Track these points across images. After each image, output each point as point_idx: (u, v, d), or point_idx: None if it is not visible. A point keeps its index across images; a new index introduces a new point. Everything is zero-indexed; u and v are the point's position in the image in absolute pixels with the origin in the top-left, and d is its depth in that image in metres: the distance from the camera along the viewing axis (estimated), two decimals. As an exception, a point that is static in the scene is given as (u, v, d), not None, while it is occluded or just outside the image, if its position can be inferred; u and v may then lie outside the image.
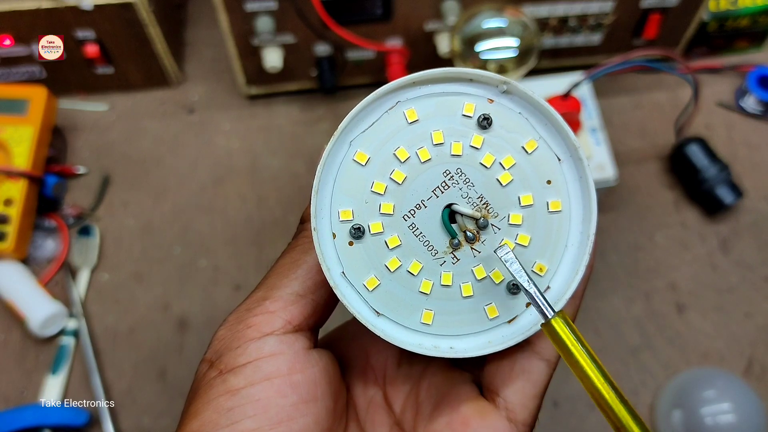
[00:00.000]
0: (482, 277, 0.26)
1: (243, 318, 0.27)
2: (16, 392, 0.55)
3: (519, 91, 0.26)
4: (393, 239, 0.26)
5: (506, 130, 0.26)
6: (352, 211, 0.25)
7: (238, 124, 0.67)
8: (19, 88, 0.61)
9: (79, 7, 0.58)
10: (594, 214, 0.26)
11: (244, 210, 0.63)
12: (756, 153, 0.65)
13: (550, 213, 0.26)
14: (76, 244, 0.60)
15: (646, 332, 0.58)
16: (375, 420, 0.29)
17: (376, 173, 0.26)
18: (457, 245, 0.26)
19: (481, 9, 0.58)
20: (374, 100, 0.25)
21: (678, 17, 0.65)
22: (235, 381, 0.25)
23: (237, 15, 0.58)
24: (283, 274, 0.27)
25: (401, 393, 0.30)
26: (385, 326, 0.26)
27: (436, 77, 0.26)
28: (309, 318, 0.27)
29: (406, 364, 0.30)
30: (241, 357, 0.25)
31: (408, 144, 0.26)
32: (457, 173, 0.26)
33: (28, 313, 0.55)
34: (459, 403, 0.28)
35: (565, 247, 0.26)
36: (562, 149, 0.26)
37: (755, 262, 0.60)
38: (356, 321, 0.25)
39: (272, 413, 0.24)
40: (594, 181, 0.26)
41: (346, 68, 0.65)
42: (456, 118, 0.26)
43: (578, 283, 0.26)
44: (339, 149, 0.26)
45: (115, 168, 0.65)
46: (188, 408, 0.26)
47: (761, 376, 0.56)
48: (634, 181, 0.64)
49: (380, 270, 0.26)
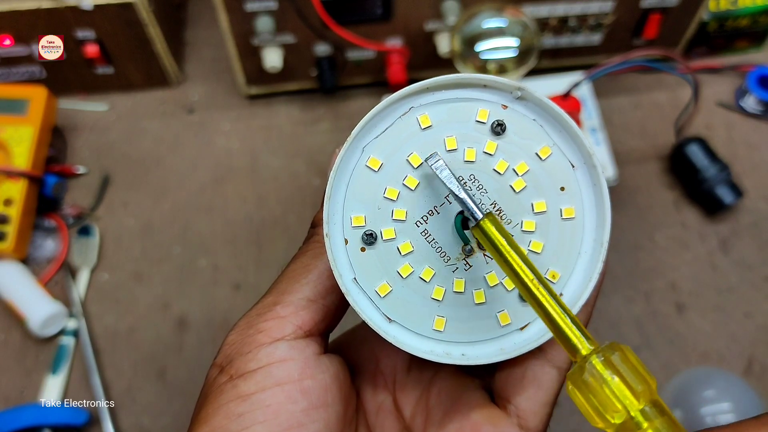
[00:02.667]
0: (495, 284, 0.26)
1: (253, 323, 0.26)
2: (16, 392, 0.55)
3: (533, 97, 0.26)
4: (405, 245, 0.25)
5: (520, 137, 0.26)
6: (364, 216, 0.25)
7: (238, 124, 0.67)
8: (19, 88, 0.61)
9: (79, 7, 0.58)
10: (608, 221, 0.25)
11: (244, 210, 0.63)
12: (756, 153, 0.65)
13: (564, 220, 0.26)
14: (75, 244, 0.60)
15: (645, 332, 0.58)
16: (384, 425, 0.29)
17: (388, 179, 0.25)
18: (469, 252, 0.26)
19: (481, 9, 0.58)
20: (387, 105, 0.25)
21: (678, 17, 0.65)
22: (246, 386, 0.25)
23: (237, 15, 0.58)
24: (294, 279, 0.27)
25: (411, 399, 0.29)
26: (396, 333, 0.26)
27: (449, 83, 0.26)
28: (320, 323, 0.27)
29: (416, 369, 0.30)
30: (251, 362, 0.25)
31: (421, 150, 0.25)
32: (470, 179, 0.26)
33: (28, 313, 0.55)
34: (469, 410, 0.27)
35: (578, 255, 0.26)
36: (576, 156, 0.26)
37: (755, 262, 0.60)
38: (366, 325, 0.25)
39: (282, 419, 0.24)
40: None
41: (346, 68, 0.65)
42: (469, 124, 0.26)
43: (591, 290, 0.25)
44: (352, 155, 0.25)
45: (115, 168, 0.65)
46: (198, 413, 0.25)
47: (761, 376, 0.56)
48: (634, 181, 0.64)
49: (392, 276, 0.26)
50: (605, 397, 0.20)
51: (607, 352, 0.20)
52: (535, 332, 0.26)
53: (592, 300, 0.27)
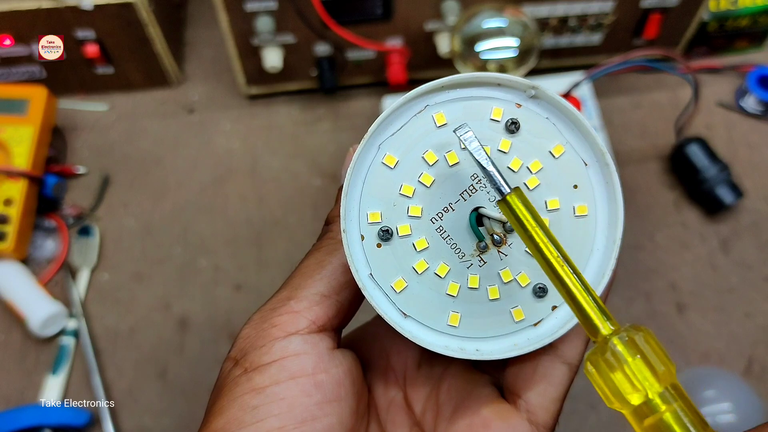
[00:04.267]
0: (509, 280, 0.26)
1: (268, 317, 0.27)
2: (16, 392, 0.55)
3: (547, 96, 0.26)
4: (421, 242, 0.26)
5: (533, 135, 0.26)
6: (380, 213, 0.26)
7: (238, 124, 0.67)
8: (19, 88, 0.61)
9: (79, 7, 0.58)
10: (620, 219, 0.26)
11: (244, 210, 0.63)
12: (756, 153, 0.65)
13: (576, 217, 0.26)
14: (76, 244, 0.60)
15: (646, 332, 0.58)
16: (396, 420, 0.29)
17: (404, 176, 0.26)
18: (484, 248, 0.26)
19: (481, 9, 0.58)
20: (403, 103, 0.26)
21: (678, 17, 0.65)
22: (260, 379, 0.25)
23: (237, 15, 0.58)
24: (308, 275, 0.27)
25: (422, 394, 0.30)
26: (412, 328, 0.26)
27: (464, 81, 0.26)
28: (333, 318, 0.27)
29: (427, 365, 0.30)
30: (266, 356, 0.25)
31: (436, 147, 0.26)
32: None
33: (28, 313, 0.55)
34: (480, 406, 0.28)
35: (591, 252, 0.26)
36: (588, 154, 0.26)
37: (755, 262, 0.60)
38: (377, 322, 0.25)
39: (297, 412, 0.24)
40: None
41: (346, 68, 0.65)
42: (484, 122, 0.26)
43: (604, 287, 0.26)
44: (368, 152, 0.26)
45: (115, 168, 0.65)
46: (212, 405, 0.26)
47: (761, 376, 0.56)
48: (634, 181, 0.64)
49: (408, 272, 0.26)
50: (624, 377, 0.20)
51: (630, 332, 0.21)
52: (548, 328, 0.26)
53: (604, 297, 0.27)
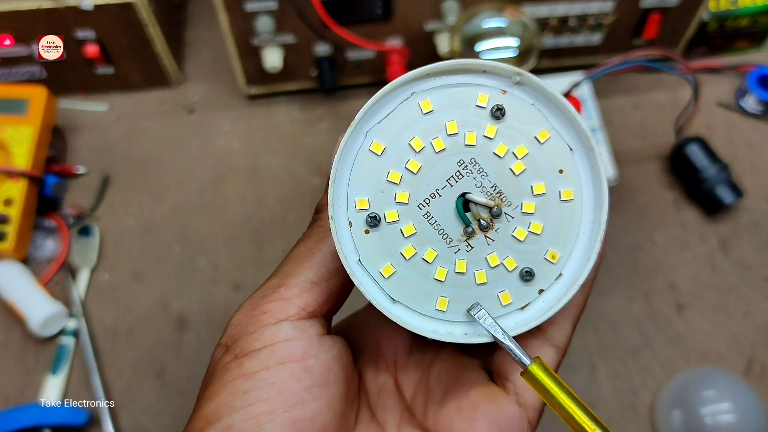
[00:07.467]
0: (496, 264, 0.26)
1: (258, 304, 0.27)
2: (16, 392, 0.55)
3: (532, 82, 0.26)
4: (408, 228, 0.26)
5: (519, 121, 0.26)
6: (368, 200, 0.26)
7: (238, 124, 0.67)
8: (19, 88, 0.61)
9: (79, 7, 0.58)
10: (605, 202, 0.26)
11: (244, 209, 0.63)
12: (756, 153, 0.65)
13: (563, 202, 0.26)
14: (76, 244, 0.60)
15: (645, 332, 0.58)
16: (386, 405, 0.30)
17: (391, 163, 0.26)
18: (471, 233, 0.26)
19: (481, 9, 0.58)
20: (389, 91, 0.26)
21: (678, 17, 0.65)
22: (251, 365, 0.25)
23: (237, 15, 0.58)
24: (298, 262, 0.28)
25: (412, 379, 0.30)
26: (400, 313, 0.26)
27: (450, 69, 0.26)
28: (323, 305, 0.27)
29: (417, 351, 0.31)
30: (256, 342, 0.26)
31: (423, 134, 0.26)
32: (471, 163, 0.26)
33: (28, 313, 0.55)
34: (469, 389, 0.28)
35: (577, 236, 0.27)
36: (573, 139, 0.27)
37: (755, 262, 0.60)
38: (368, 309, 0.26)
39: (286, 396, 0.25)
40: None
41: (346, 68, 0.65)
42: (470, 108, 0.26)
43: (590, 270, 0.26)
44: (355, 140, 0.26)
45: (115, 168, 0.65)
46: (204, 391, 0.26)
47: (761, 376, 0.56)
48: (634, 181, 0.64)
49: (396, 258, 0.26)
50: None
51: None
52: (535, 312, 0.27)
53: (590, 280, 0.27)
